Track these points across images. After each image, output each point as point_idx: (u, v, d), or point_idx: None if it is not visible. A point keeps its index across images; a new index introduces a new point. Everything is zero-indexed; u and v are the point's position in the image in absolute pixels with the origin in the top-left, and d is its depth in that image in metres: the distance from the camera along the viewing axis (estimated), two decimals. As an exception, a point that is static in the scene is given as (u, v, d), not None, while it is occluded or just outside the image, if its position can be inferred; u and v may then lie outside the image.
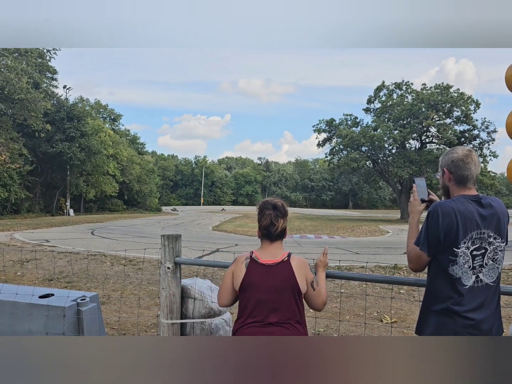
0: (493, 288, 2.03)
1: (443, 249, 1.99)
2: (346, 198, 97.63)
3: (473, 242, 1.97)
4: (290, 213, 2.38)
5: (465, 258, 1.96)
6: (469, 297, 1.97)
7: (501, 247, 2.04)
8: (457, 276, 1.97)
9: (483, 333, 1.97)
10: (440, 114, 39.00)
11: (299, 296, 2.16)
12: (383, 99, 43.37)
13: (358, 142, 39.88)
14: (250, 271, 2.20)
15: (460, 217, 1.95)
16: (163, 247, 3.54)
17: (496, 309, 2.06)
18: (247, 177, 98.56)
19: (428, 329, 2.06)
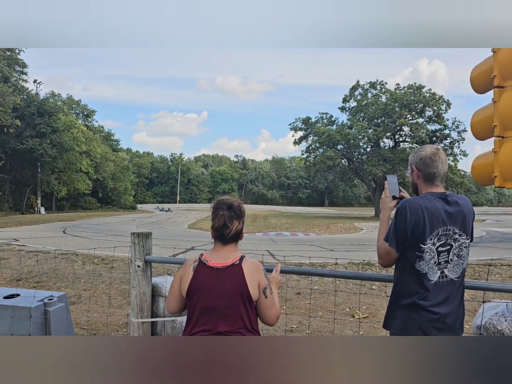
0: (458, 283, 2.08)
1: (410, 245, 2.02)
2: (322, 196, 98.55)
3: (439, 239, 2.01)
4: (266, 210, 2.29)
5: (431, 254, 2.00)
6: (434, 292, 2.01)
7: (466, 244, 2.08)
8: (423, 271, 2.01)
9: (447, 326, 2.01)
10: (413, 114, 39.86)
11: (249, 303, 1.96)
12: (358, 98, 43.97)
13: (334, 140, 40.33)
14: (198, 274, 2.00)
15: (427, 214, 1.99)
16: (133, 245, 3.48)
17: (460, 303, 2.11)
18: (223, 175, 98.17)
19: (395, 323, 2.10)
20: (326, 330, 5.10)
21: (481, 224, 30.27)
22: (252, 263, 2.05)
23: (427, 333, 1.98)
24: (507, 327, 2.79)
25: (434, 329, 1.98)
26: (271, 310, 2.03)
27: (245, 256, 2.07)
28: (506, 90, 2.98)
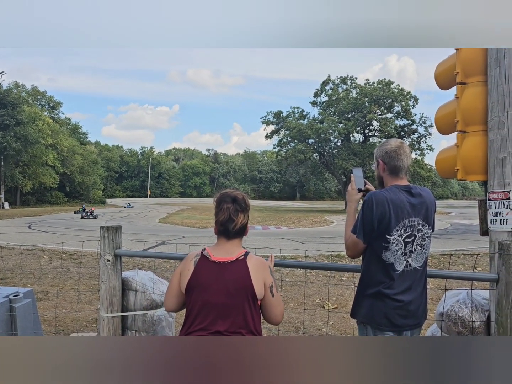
0: (420, 271, 2.17)
1: (377, 236, 2.09)
2: (293, 190, 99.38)
3: (406, 230, 2.08)
4: None
5: (398, 245, 2.07)
6: (399, 281, 2.09)
7: (428, 234, 2.17)
8: (389, 262, 2.08)
9: (411, 313, 2.10)
10: (382, 109, 40.68)
11: (253, 302, 1.84)
12: (329, 93, 44.47)
13: (305, 134, 40.67)
14: (199, 269, 1.89)
15: (392, 206, 2.06)
16: (103, 239, 3.43)
17: (422, 291, 2.20)
18: (195, 169, 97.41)
19: (361, 312, 2.17)
20: (297, 321, 5.19)
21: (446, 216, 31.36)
22: (257, 259, 1.93)
23: (392, 320, 2.06)
24: (467, 313, 2.92)
25: (398, 316, 2.06)
26: (279, 309, 1.93)
27: (250, 252, 1.96)
28: (468, 86, 3.09)
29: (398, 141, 2.22)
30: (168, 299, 2.02)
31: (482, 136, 3.01)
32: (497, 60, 2.86)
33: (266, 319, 1.95)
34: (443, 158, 3.37)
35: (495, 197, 2.87)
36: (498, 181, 2.86)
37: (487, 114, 2.96)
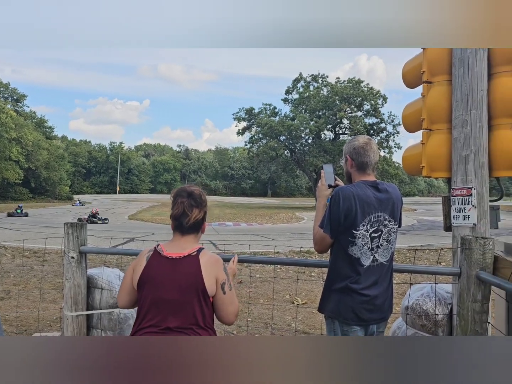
0: (387, 266, 2.20)
1: (343, 231, 2.10)
2: (265, 187, 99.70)
3: (372, 225, 2.11)
4: (209, 201, 2.08)
5: (364, 240, 2.09)
6: (365, 276, 2.11)
7: (394, 229, 2.20)
8: (356, 256, 2.10)
9: (377, 307, 2.13)
10: (352, 107, 41.32)
11: (204, 298, 1.81)
12: (300, 90, 44.80)
13: (277, 131, 40.84)
14: (151, 264, 1.86)
15: (358, 201, 2.08)
16: (67, 236, 3.33)
17: (388, 286, 2.23)
18: (166, 165, 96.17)
19: (329, 307, 2.18)
20: (267, 317, 5.20)
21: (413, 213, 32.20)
22: (211, 256, 1.91)
23: (358, 314, 2.08)
24: (431, 306, 3.00)
25: (365, 310, 2.09)
26: (230, 307, 1.89)
27: (204, 249, 1.93)
28: (433, 85, 3.16)
29: (365, 138, 2.25)
30: (121, 296, 1.99)
31: (447, 134, 3.08)
32: (461, 60, 2.94)
33: (218, 318, 1.91)
34: (409, 156, 3.44)
35: (458, 194, 2.95)
36: (461, 178, 2.94)
37: (451, 112, 3.03)
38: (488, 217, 2.94)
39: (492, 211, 3.03)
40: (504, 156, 2.87)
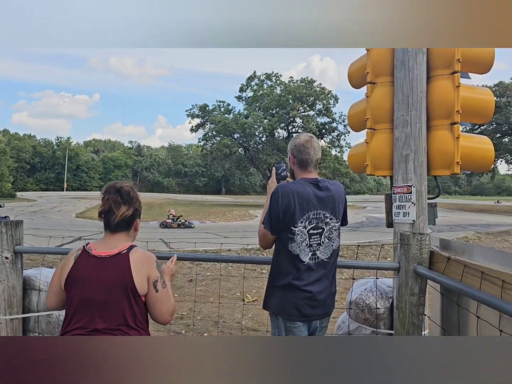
0: (329, 263, 2.22)
1: (283, 227, 2.12)
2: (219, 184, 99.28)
3: (310, 222, 2.13)
4: (162, 198, 2.07)
5: (303, 237, 2.11)
6: (307, 273, 2.13)
7: (336, 227, 2.23)
8: (295, 253, 2.12)
9: (320, 303, 2.15)
10: (304, 106, 42.07)
11: (134, 297, 1.75)
12: (254, 88, 45.01)
13: (231, 129, 40.79)
14: (78, 264, 1.79)
15: (297, 198, 2.10)
16: (0, 235, 3.12)
17: (331, 282, 2.25)
18: (116, 161, 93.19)
19: (273, 303, 2.19)
20: (216, 315, 5.17)
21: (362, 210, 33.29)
22: (142, 253, 1.83)
23: (301, 310, 2.10)
24: (373, 301, 3.10)
25: (308, 306, 2.11)
26: (164, 306, 1.81)
27: (136, 246, 1.87)
28: (377, 86, 3.26)
29: (307, 135, 2.27)
30: (50, 296, 1.92)
31: (389, 134, 3.19)
32: (402, 63, 3.05)
33: (152, 317, 1.85)
34: (354, 154, 3.53)
35: (399, 191, 3.06)
36: (402, 176, 3.05)
37: (393, 112, 3.14)
38: (426, 213, 3.07)
39: (430, 208, 3.17)
40: (441, 155, 3.00)
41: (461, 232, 16.53)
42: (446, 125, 3.00)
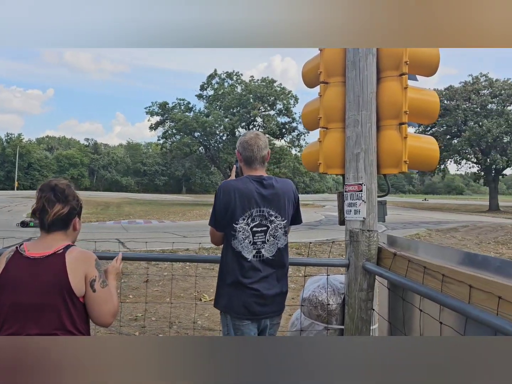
0: (275, 262, 2.19)
1: (226, 224, 2.14)
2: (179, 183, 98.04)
3: (253, 219, 2.12)
4: (120, 198, 1.96)
5: (245, 234, 2.11)
6: (253, 270, 2.12)
7: (281, 225, 2.21)
8: (237, 249, 2.13)
9: (268, 302, 2.15)
10: (265, 106, 42.30)
11: (71, 299, 1.65)
12: (215, 87, 44.77)
13: (191, 127, 40.38)
14: (10, 266, 1.67)
15: (238, 195, 2.10)
16: None
17: (280, 280, 2.23)
18: (71, 159, 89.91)
19: (222, 301, 2.18)
20: (172, 315, 5.09)
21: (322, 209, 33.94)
22: (79, 252, 1.74)
23: (249, 308, 2.09)
24: (326, 297, 3.15)
25: (256, 304, 2.11)
26: (104, 307, 1.71)
27: (74, 246, 1.77)
28: (330, 86, 3.31)
29: (254, 133, 2.27)
30: None
31: (341, 133, 3.24)
32: (353, 63, 3.11)
33: (92, 319, 1.75)
34: (308, 153, 3.57)
35: (350, 189, 3.12)
36: (353, 175, 3.11)
37: (345, 112, 3.20)
38: (376, 211, 3.15)
39: (379, 205, 3.25)
40: (389, 154, 3.09)
41: (413, 229, 17.19)
42: (395, 125, 3.09)
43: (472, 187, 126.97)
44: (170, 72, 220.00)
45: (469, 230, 17.56)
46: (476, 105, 37.38)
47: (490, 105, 37.72)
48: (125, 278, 6.61)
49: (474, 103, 37.49)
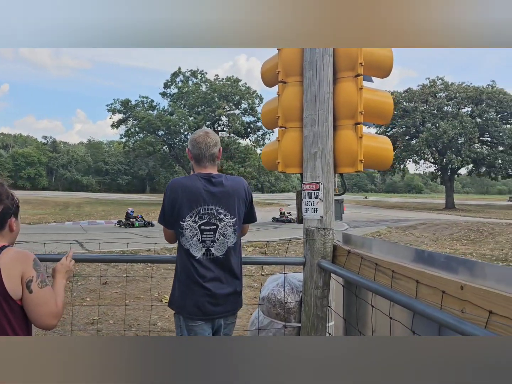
0: (225, 261, 2.16)
1: (173, 222, 2.13)
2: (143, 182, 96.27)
3: (201, 217, 2.10)
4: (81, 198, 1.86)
5: (193, 232, 2.09)
6: (204, 269, 2.10)
7: (230, 223, 2.17)
8: (185, 247, 2.11)
9: (221, 301, 2.13)
10: (230, 105, 42.20)
11: (7, 302, 1.55)
12: (179, 85, 44.21)
13: (155, 125, 39.72)
14: None
15: (185, 192, 2.09)
16: None
17: (233, 279, 2.20)
18: (28, 158, 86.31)
19: (175, 302, 2.15)
20: (131, 317, 4.98)
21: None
22: (15, 252, 1.63)
23: (201, 308, 2.07)
24: (284, 295, 3.17)
25: (209, 304, 2.08)
26: (43, 308, 1.61)
27: (9, 246, 1.67)
28: (288, 85, 3.33)
29: (203, 131, 2.26)
30: None
31: (299, 132, 3.27)
32: (310, 63, 3.14)
33: (32, 322, 1.65)
34: (267, 152, 3.57)
35: (308, 188, 3.15)
36: (311, 174, 3.14)
37: (303, 111, 3.23)
38: (333, 209, 3.19)
39: (337, 204, 3.31)
40: (346, 154, 3.14)
41: (375, 227, 17.65)
42: (351, 125, 3.14)
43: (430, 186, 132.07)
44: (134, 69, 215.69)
45: (427, 228, 18.23)
46: (433, 107, 38.87)
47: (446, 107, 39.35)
48: (82, 281, 6.41)
49: (431, 105, 38.96)
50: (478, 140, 38.81)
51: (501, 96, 38.16)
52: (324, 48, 3.11)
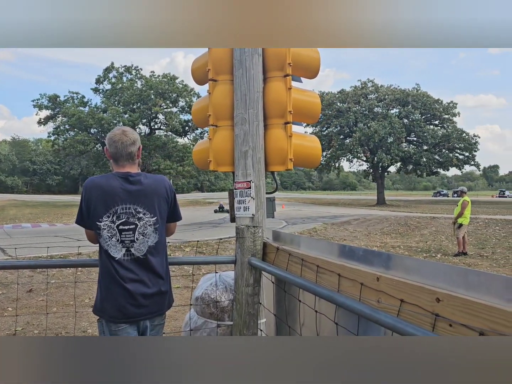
0: (147, 261, 2.10)
1: (91, 222, 2.06)
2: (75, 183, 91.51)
3: (119, 217, 2.04)
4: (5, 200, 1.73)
5: (111, 232, 2.03)
6: (124, 270, 2.03)
7: (150, 222, 2.12)
8: (105, 248, 2.05)
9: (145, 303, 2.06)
10: (167, 103, 41.31)
11: None
12: (113, 81, 42.52)
13: (86, 123, 37.90)
14: None
15: (100, 192, 2.04)
16: None
17: (155, 279, 2.13)
18: None
19: (96, 306, 2.08)
20: (59, 326, 4.71)
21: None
22: None
23: (124, 311, 2.00)
24: (218, 294, 3.15)
25: (130, 306, 2.01)
26: None
27: None
28: (218, 83, 3.32)
29: (120, 129, 2.20)
30: None
31: (230, 131, 3.27)
32: (240, 62, 3.15)
33: None
34: (198, 150, 3.54)
35: (239, 187, 3.16)
36: (242, 172, 3.16)
37: (234, 110, 3.23)
38: (265, 207, 3.23)
39: (268, 202, 3.35)
40: (276, 152, 3.20)
41: (311, 224, 18.17)
42: (281, 124, 3.20)
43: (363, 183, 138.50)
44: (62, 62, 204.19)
45: (360, 223, 19.10)
46: (365, 108, 40.78)
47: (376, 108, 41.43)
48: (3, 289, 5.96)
49: (363, 106, 40.86)
50: (405, 140, 41.33)
51: (424, 99, 40.92)
52: (253, 48, 3.14)
